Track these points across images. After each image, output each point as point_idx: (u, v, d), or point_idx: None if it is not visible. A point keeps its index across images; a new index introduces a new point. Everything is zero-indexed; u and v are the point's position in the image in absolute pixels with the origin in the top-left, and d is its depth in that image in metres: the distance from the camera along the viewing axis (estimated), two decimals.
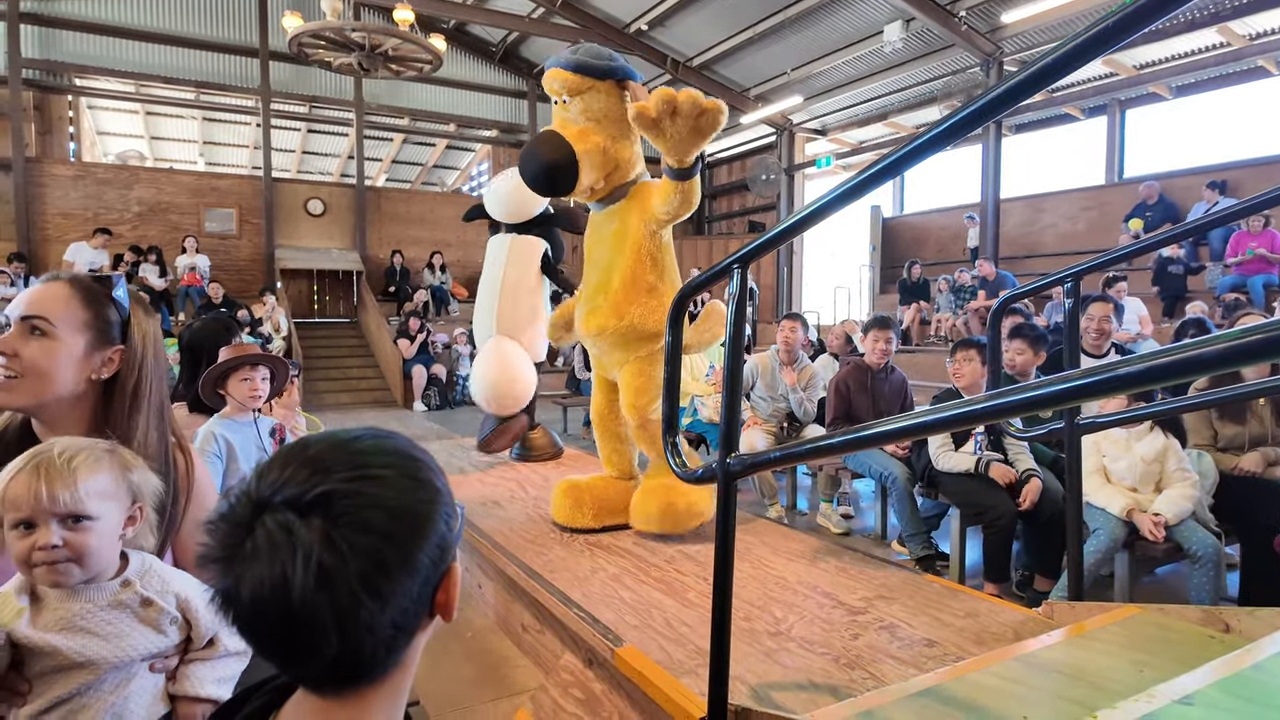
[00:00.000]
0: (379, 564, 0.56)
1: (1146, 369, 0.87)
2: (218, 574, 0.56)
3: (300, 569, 0.53)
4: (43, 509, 0.96)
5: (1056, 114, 11.68)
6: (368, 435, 0.62)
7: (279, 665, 0.59)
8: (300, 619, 0.54)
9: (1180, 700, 1.35)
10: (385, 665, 0.60)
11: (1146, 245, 2.36)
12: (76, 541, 0.98)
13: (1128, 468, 2.98)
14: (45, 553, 0.96)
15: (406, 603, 0.58)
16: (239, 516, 0.56)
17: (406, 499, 0.59)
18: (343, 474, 0.57)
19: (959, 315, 9.85)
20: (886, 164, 1.31)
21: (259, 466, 0.59)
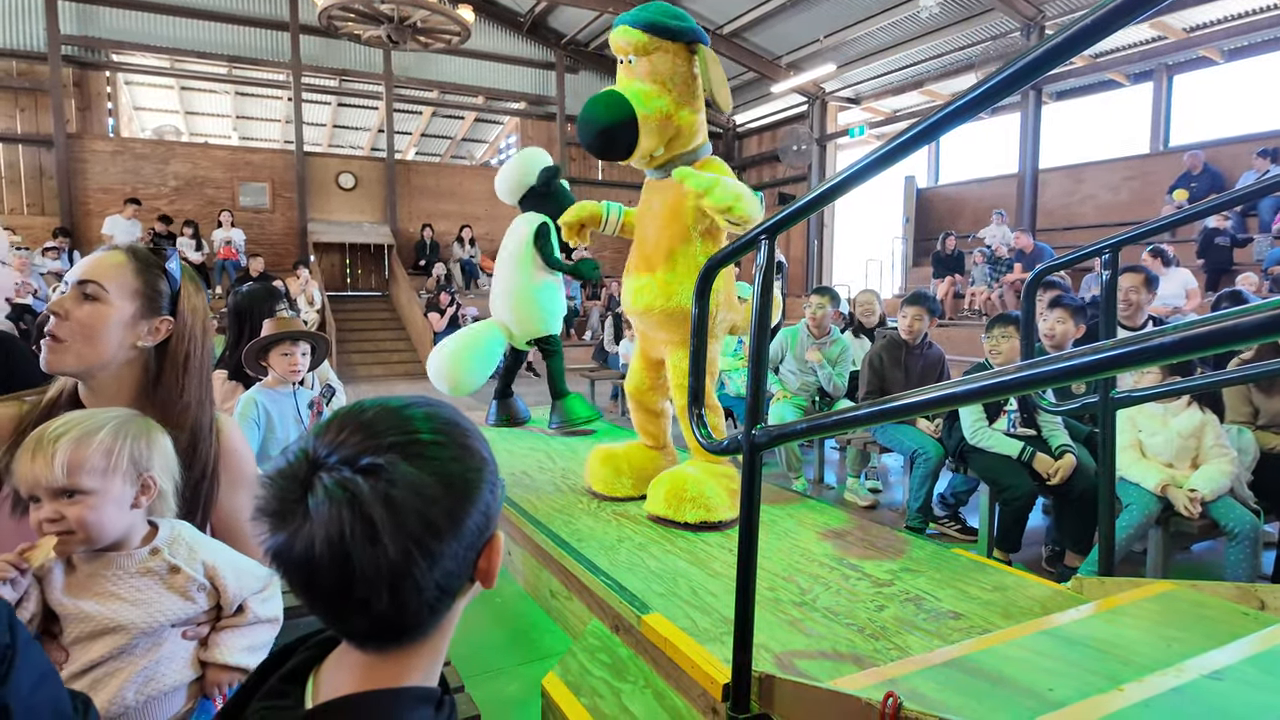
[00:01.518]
0: (430, 524, 0.57)
1: (1182, 339, 0.85)
2: (272, 528, 0.58)
3: (356, 525, 0.55)
4: (39, 486, 0.99)
5: (1100, 80, 11.30)
6: (419, 403, 0.63)
7: (327, 620, 0.61)
8: (353, 574, 0.55)
9: (1210, 675, 1.34)
10: (427, 626, 0.62)
11: (1190, 214, 2.28)
12: (71, 514, 1.00)
13: (1164, 443, 2.92)
14: (49, 525, 1.00)
15: (453, 565, 0.60)
16: (296, 473, 0.58)
17: (456, 465, 0.61)
18: (397, 437, 0.59)
19: (994, 288, 9.67)
20: (920, 129, 1.28)
21: (316, 427, 0.61)
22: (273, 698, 0.63)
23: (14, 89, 11.29)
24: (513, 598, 2.94)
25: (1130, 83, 11.12)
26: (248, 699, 0.64)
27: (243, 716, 0.63)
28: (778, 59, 13.38)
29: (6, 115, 11.29)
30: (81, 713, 0.73)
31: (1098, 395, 2.21)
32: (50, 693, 0.70)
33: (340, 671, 0.63)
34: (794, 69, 13.30)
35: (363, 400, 0.64)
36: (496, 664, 2.44)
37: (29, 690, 0.67)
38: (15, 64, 11.30)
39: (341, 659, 0.64)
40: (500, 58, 14.31)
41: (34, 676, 0.68)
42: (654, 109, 2.63)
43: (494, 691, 2.24)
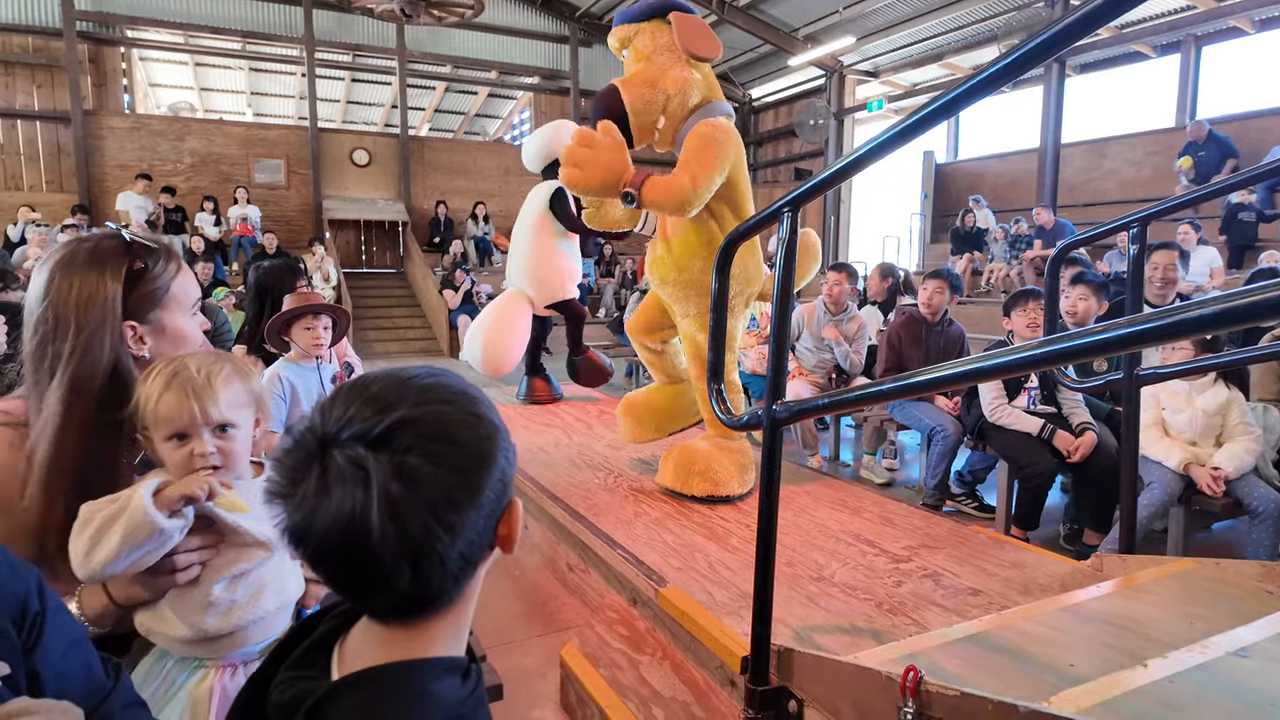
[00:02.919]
0: (448, 496, 0.57)
1: (1213, 313, 0.83)
2: (287, 509, 0.57)
3: (373, 502, 0.54)
4: (195, 422, 1.07)
5: (1125, 52, 11.03)
6: (426, 373, 0.62)
7: (350, 598, 0.61)
8: (374, 552, 0.54)
9: (1235, 653, 1.33)
10: (451, 596, 0.61)
11: (1220, 188, 2.23)
12: (225, 448, 1.11)
13: (1188, 420, 2.89)
14: (203, 459, 1.08)
15: (473, 534, 0.59)
16: (306, 452, 0.57)
17: (470, 433, 0.60)
18: (407, 409, 0.57)
19: (1013, 265, 9.54)
20: (941, 104, 1.26)
21: (321, 403, 0.60)
22: (299, 667, 0.63)
23: (30, 65, 11.32)
24: (531, 571, 2.97)
25: (1157, 54, 10.85)
26: (275, 668, 0.64)
27: (271, 685, 0.63)
28: (794, 31, 13.15)
29: (24, 92, 11.34)
30: (114, 677, 0.74)
31: (1121, 372, 2.18)
32: (81, 658, 0.71)
33: (366, 643, 0.62)
34: (811, 41, 13.07)
35: (367, 373, 0.63)
36: (516, 635, 2.46)
37: (59, 656, 0.67)
38: (31, 40, 11.33)
39: (367, 630, 0.63)
40: (514, 31, 14.16)
41: (64, 643, 0.69)
42: (635, 81, 2.65)
43: (514, 662, 2.27)
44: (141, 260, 1.15)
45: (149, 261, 1.16)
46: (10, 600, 0.64)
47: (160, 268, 1.18)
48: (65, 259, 1.11)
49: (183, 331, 1.22)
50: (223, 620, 1.09)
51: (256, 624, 1.13)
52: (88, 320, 1.09)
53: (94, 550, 0.97)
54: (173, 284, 1.20)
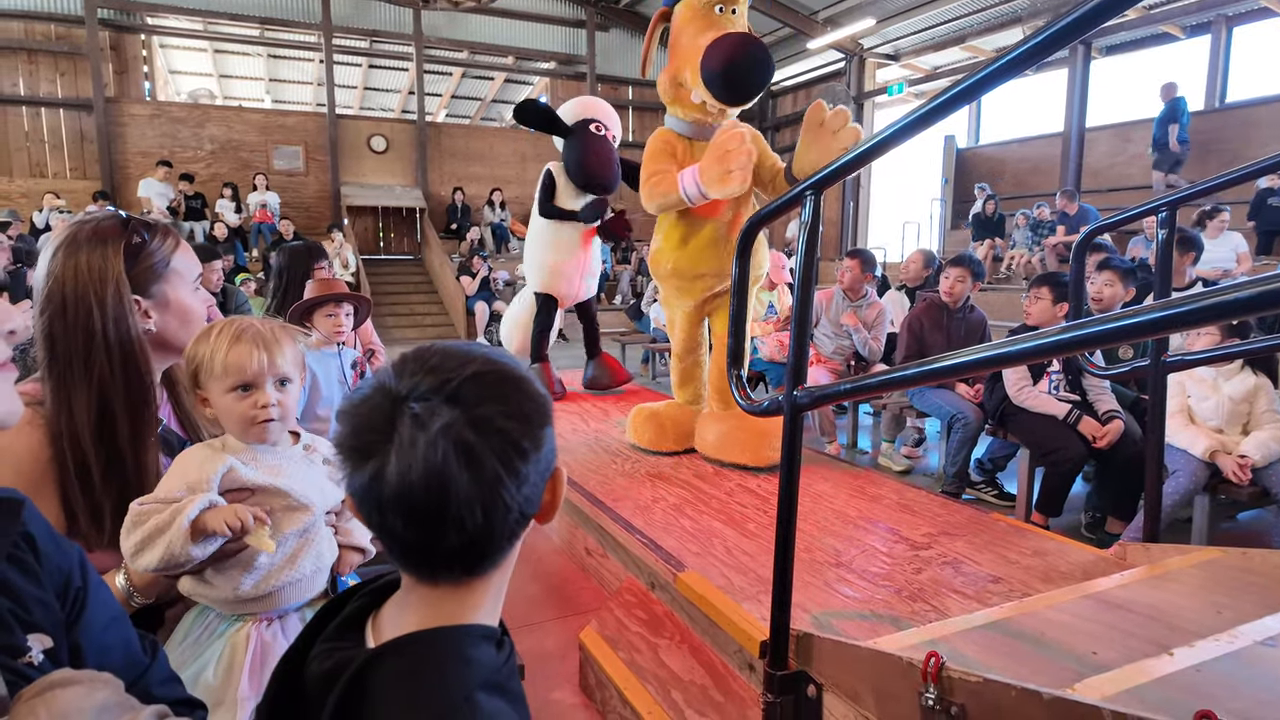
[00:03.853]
0: (516, 444, 0.60)
1: (1241, 298, 0.81)
2: (355, 464, 0.59)
3: (452, 450, 0.57)
4: (262, 372, 1.14)
5: (1153, 34, 10.79)
6: (471, 346, 0.65)
7: (413, 549, 0.61)
8: (449, 497, 0.57)
9: (1263, 641, 1.31)
10: (498, 556, 0.64)
11: (1249, 171, 2.17)
12: (284, 401, 1.18)
13: (1214, 408, 2.85)
14: (265, 410, 1.14)
15: (531, 489, 0.62)
16: (379, 409, 0.59)
17: (528, 389, 0.63)
18: (475, 368, 0.61)
19: (1035, 251, 9.42)
20: (963, 88, 1.23)
21: (392, 365, 0.63)
22: (333, 641, 0.64)
23: (53, 53, 11.43)
24: (550, 555, 2.99)
25: (1186, 36, 10.61)
26: (309, 644, 0.65)
27: (307, 659, 0.64)
28: (814, 14, 12.99)
29: (47, 80, 11.46)
30: (150, 653, 0.75)
31: (1148, 358, 2.15)
32: (120, 634, 0.72)
33: (403, 612, 0.64)
34: (831, 24, 12.91)
35: (420, 346, 0.65)
36: (535, 617, 2.48)
37: (100, 631, 0.69)
38: (54, 28, 11.43)
39: (403, 600, 0.65)
40: (530, 16, 14.11)
41: (105, 618, 0.70)
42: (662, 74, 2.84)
43: (533, 645, 2.29)
44: (139, 235, 1.17)
45: (146, 236, 1.18)
46: (55, 574, 0.66)
47: (158, 242, 1.20)
48: (67, 240, 1.13)
49: (186, 305, 1.24)
50: (261, 582, 1.14)
51: (293, 585, 1.17)
52: (104, 293, 1.12)
53: (139, 555, 1.03)
54: (173, 258, 1.22)
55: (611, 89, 14.99)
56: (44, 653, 0.60)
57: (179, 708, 0.63)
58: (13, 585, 0.61)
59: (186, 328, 1.24)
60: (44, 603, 0.63)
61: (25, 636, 0.59)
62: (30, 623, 0.61)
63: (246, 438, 1.17)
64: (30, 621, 0.61)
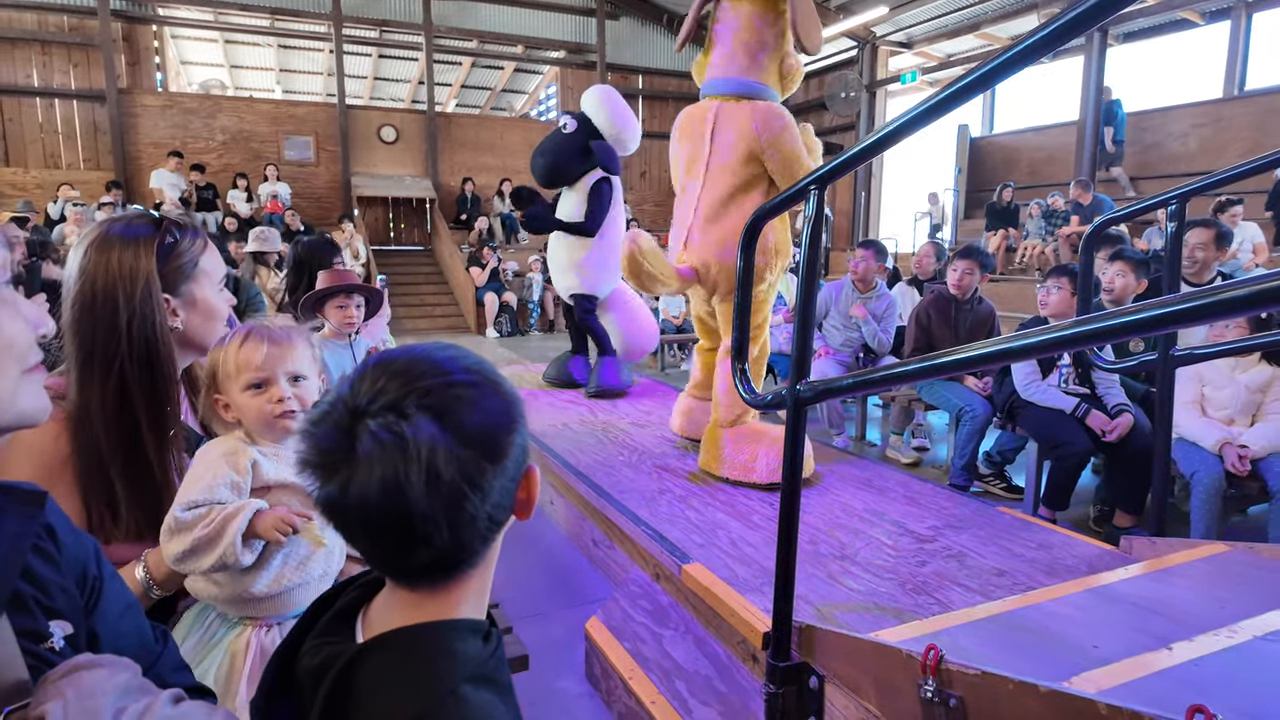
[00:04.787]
0: (478, 459, 0.59)
1: (1248, 294, 0.81)
2: (320, 480, 0.59)
3: (411, 467, 0.56)
4: (274, 368, 1.17)
5: (1171, 20, 10.62)
6: (444, 347, 0.65)
7: (386, 560, 0.63)
8: (412, 514, 0.57)
9: (1264, 636, 1.31)
10: (475, 559, 0.64)
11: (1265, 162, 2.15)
12: (300, 395, 1.20)
13: (1230, 396, 2.84)
14: (280, 404, 1.16)
15: (499, 496, 0.62)
16: (338, 424, 0.59)
17: (494, 400, 0.63)
18: (434, 380, 0.60)
19: (1049, 242, 9.34)
20: (976, 77, 1.23)
21: (348, 377, 0.62)
22: (325, 635, 0.66)
23: (66, 44, 11.49)
24: (556, 545, 3.02)
25: (1205, 22, 10.44)
26: (301, 638, 0.67)
27: (299, 654, 0.65)
28: (826, 1, 12.86)
29: (61, 71, 11.53)
30: (162, 642, 0.78)
31: (1157, 353, 2.14)
32: (134, 622, 0.75)
33: (390, 608, 0.65)
34: (843, 11, 12.77)
35: (387, 350, 0.65)
36: (542, 607, 2.51)
37: (115, 619, 0.72)
38: (67, 19, 11.49)
39: (390, 597, 0.66)
40: (540, 4, 14.04)
41: (119, 607, 0.73)
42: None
43: (540, 634, 2.32)
44: (171, 235, 1.19)
45: (178, 235, 1.21)
46: (74, 564, 0.68)
47: (189, 242, 1.22)
48: (100, 237, 1.15)
49: (212, 304, 1.26)
50: (272, 583, 1.15)
51: (301, 588, 1.18)
52: (135, 291, 1.14)
53: (184, 562, 1.07)
54: (201, 258, 1.24)
55: (622, 78, 14.92)
56: (65, 638, 0.62)
57: (190, 694, 0.66)
58: (36, 573, 0.63)
59: (210, 325, 1.27)
60: (65, 590, 0.65)
61: (48, 622, 0.62)
62: (53, 609, 0.63)
63: (271, 436, 1.19)
64: (53, 608, 0.63)
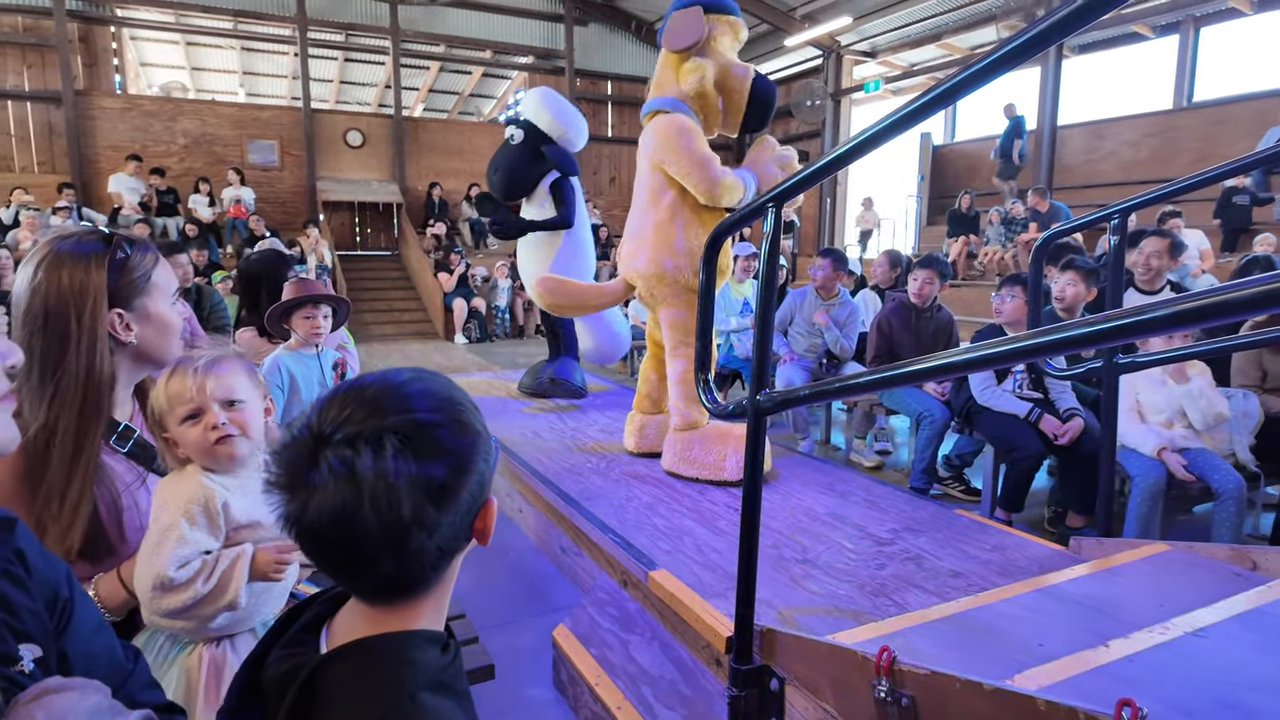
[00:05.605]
0: (428, 498, 0.62)
1: (1190, 308, 0.86)
2: (283, 498, 0.63)
3: (357, 500, 0.60)
4: (205, 398, 1.17)
5: (1124, 33, 11.00)
6: (418, 379, 0.67)
7: (337, 579, 0.67)
8: (360, 542, 0.61)
9: (1194, 633, 1.39)
10: (430, 582, 0.68)
11: (1211, 176, 2.24)
12: (237, 418, 1.19)
13: (1165, 400, 2.96)
14: (215, 430, 1.16)
15: (449, 531, 0.65)
16: (302, 448, 0.62)
17: (453, 441, 0.65)
18: (397, 416, 0.63)
19: (1008, 248, 9.57)
20: (938, 94, 1.24)
21: (320, 401, 0.65)
22: (291, 646, 0.68)
23: (20, 45, 11.21)
24: (525, 553, 3.03)
25: (1156, 35, 10.82)
26: (268, 649, 0.70)
27: (265, 664, 0.68)
28: (792, 10, 13.05)
29: (14, 72, 11.24)
30: (132, 660, 0.80)
31: (1102, 360, 2.23)
32: (105, 642, 0.76)
33: (353, 621, 0.68)
34: (809, 21, 12.97)
35: (364, 375, 0.68)
36: (510, 616, 2.53)
37: (86, 639, 0.73)
38: (21, 19, 11.21)
39: (353, 610, 0.69)
40: (508, 10, 14.03)
41: (90, 627, 0.74)
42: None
43: (507, 642, 2.34)
44: (122, 250, 1.20)
45: (129, 251, 1.21)
46: (45, 587, 0.70)
47: (140, 257, 1.23)
48: (50, 255, 1.15)
49: (166, 318, 1.27)
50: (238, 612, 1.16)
51: (260, 605, 1.20)
52: (84, 309, 1.14)
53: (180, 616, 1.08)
54: (153, 273, 1.25)
55: (591, 83, 14.97)
56: (34, 661, 0.64)
57: (161, 713, 0.68)
58: (7, 598, 0.65)
59: (165, 339, 1.28)
60: (35, 613, 0.67)
61: (18, 646, 0.63)
62: (22, 632, 0.65)
63: (214, 464, 1.18)
64: (22, 631, 0.65)
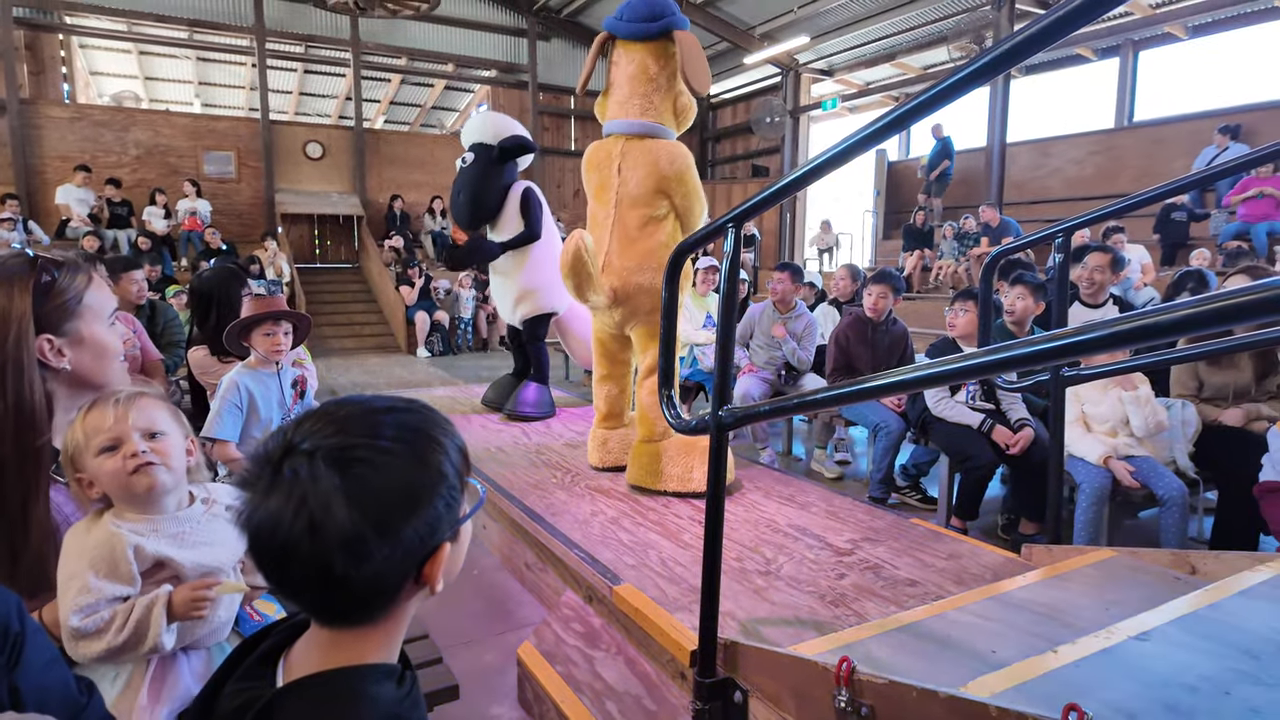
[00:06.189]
0: (359, 532, 0.61)
1: (1125, 330, 0.91)
2: (245, 498, 0.63)
3: (297, 514, 0.60)
4: (124, 428, 1.12)
5: (1068, 55, 11.43)
6: (397, 408, 0.67)
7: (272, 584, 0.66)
8: (289, 557, 0.61)
9: (1137, 637, 1.45)
10: (371, 614, 0.67)
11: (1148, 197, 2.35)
12: (157, 448, 1.15)
13: (1109, 410, 3.07)
14: (135, 458, 1.11)
15: (384, 567, 0.63)
16: (271, 454, 0.63)
17: (404, 476, 0.64)
18: (359, 439, 0.63)
19: (961, 262, 9.83)
20: (892, 119, 1.29)
21: (305, 413, 0.66)
22: (247, 679, 0.68)
23: None
24: (490, 570, 3.02)
25: (1097, 58, 11.27)
26: (224, 681, 0.69)
27: (219, 697, 0.68)
28: (751, 29, 13.29)
29: None
30: (86, 694, 0.78)
31: (1049, 373, 2.32)
32: (58, 675, 0.75)
33: (309, 651, 0.68)
34: (767, 40, 13.22)
35: (348, 396, 0.69)
36: (474, 634, 2.51)
37: (38, 673, 0.72)
38: None
39: (309, 640, 0.68)
40: (471, 24, 14.03)
41: (43, 660, 0.73)
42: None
43: (472, 661, 2.32)
44: (48, 273, 1.17)
45: (56, 274, 1.18)
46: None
47: (69, 279, 1.19)
48: None
49: (101, 341, 1.24)
50: (179, 637, 1.14)
51: (208, 635, 1.19)
52: (7, 336, 1.11)
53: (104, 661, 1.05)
54: (85, 294, 1.21)
55: (554, 98, 15.03)
56: None
57: None
58: None
59: (103, 363, 1.24)
60: None
61: None
62: None
63: (131, 499, 1.14)
64: None
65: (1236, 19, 9.75)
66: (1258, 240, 7.40)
